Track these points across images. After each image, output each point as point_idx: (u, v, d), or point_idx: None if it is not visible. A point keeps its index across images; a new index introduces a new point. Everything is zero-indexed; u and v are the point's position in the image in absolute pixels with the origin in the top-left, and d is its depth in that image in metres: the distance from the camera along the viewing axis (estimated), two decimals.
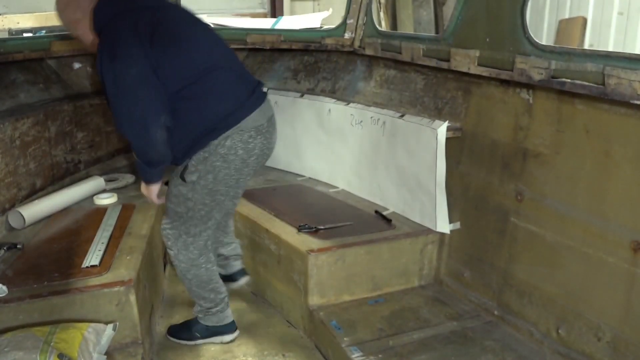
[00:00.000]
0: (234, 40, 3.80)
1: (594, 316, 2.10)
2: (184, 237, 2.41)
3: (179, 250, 2.44)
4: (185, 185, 2.28)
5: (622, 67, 1.87)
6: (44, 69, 3.53)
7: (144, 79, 2.09)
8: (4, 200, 2.79)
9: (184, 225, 2.39)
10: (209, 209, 2.34)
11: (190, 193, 2.29)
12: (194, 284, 2.50)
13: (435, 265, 2.83)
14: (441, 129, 2.64)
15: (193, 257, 2.44)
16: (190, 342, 2.60)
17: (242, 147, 2.24)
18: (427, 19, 7.36)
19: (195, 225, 2.38)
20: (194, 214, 2.34)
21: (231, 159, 2.24)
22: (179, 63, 2.17)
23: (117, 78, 2.09)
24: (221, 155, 2.23)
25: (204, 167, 2.24)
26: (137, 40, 2.10)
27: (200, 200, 2.30)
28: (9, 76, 3.26)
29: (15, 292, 2.17)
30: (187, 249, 2.43)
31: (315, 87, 3.78)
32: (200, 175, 2.25)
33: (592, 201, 2.10)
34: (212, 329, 2.59)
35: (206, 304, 2.55)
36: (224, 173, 2.26)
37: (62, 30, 5.27)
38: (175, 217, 2.39)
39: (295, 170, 3.75)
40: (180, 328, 2.66)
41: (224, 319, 2.59)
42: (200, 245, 2.44)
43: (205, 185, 2.27)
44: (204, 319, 2.59)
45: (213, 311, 2.56)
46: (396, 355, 2.22)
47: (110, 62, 2.09)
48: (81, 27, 2.27)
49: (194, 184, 2.27)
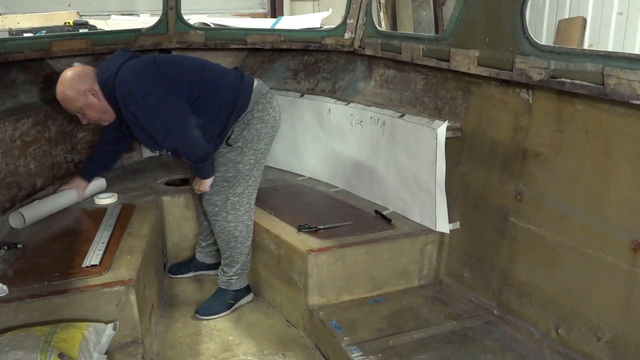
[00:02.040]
0: (234, 40, 3.81)
1: (593, 316, 2.10)
2: (232, 198, 2.73)
3: (228, 212, 2.74)
4: (233, 150, 2.67)
5: (621, 67, 1.87)
6: (44, 69, 3.53)
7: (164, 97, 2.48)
8: (4, 200, 2.79)
9: (231, 188, 2.72)
10: (251, 167, 2.73)
11: (239, 157, 2.68)
12: (239, 242, 2.81)
13: (435, 265, 2.84)
14: (441, 129, 2.64)
15: (240, 214, 2.77)
16: (228, 310, 2.87)
17: (270, 106, 2.72)
18: (427, 19, 7.37)
19: (240, 184, 2.73)
20: (241, 175, 2.71)
21: (266, 119, 2.69)
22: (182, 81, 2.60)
23: (144, 106, 2.47)
24: (258, 118, 2.67)
25: (248, 133, 2.66)
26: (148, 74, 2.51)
27: (247, 160, 2.70)
28: (9, 76, 3.26)
29: (16, 292, 2.17)
30: (235, 208, 2.75)
31: (315, 87, 3.79)
32: (246, 139, 2.66)
33: (592, 201, 2.10)
34: (239, 292, 2.91)
35: (242, 265, 2.86)
36: (264, 132, 2.70)
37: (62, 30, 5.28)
38: (224, 183, 2.71)
39: (295, 170, 3.76)
40: (210, 305, 2.86)
41: (245, 282, 2.94)
42: (244, 202, 2.78)
43: (250, 147, 2.68)
44: (232, 285, 2.88)
45: (244, 273, 2.91)
46: (396, 355, 2.23)
47: (134, 99, 2.46)
48: (93, 100, 2.57)
49: (241, 149, 2.67)
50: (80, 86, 2.52)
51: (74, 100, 2.55)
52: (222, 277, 2.90)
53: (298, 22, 5.11)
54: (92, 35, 3.70)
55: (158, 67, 2.54)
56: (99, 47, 3.55)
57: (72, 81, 2.53)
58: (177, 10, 3.71)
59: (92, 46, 3.53)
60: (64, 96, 2.56)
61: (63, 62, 3.63)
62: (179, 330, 2.73)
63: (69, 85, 2.54)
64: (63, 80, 2.56)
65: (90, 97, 2.54)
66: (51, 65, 3.58)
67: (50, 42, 3.38)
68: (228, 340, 2.65)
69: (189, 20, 4.17)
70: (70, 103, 2.57)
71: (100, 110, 2.58)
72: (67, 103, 2.58)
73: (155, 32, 3.73)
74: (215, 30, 4.14)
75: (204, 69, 2.66)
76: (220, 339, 2.66)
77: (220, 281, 2.90)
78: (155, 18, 4.00)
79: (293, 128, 3.66)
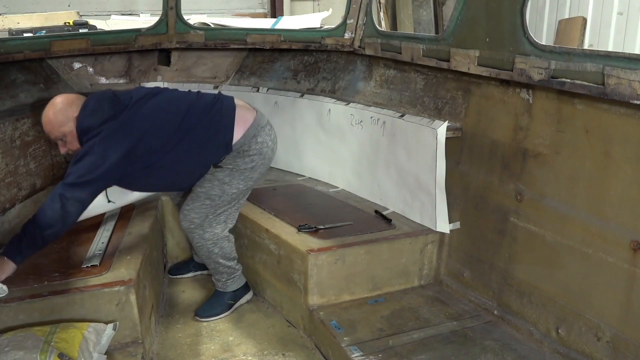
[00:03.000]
0: (234, 40, 3.81)
1: (593, 316, 2.10)
2: (210, 217, 2.68)
3: (205, 230, 2.69)
4: (221, 170, 2.60)
5: (621, 67, 1.87)
6: (44, 69, 3.53)
7: (110, 158, 2.34)
8: (4, 200, 2.79)
9: (212, 208, 2.65)
10: (239, 193, 2.68)
11: (227, 178, 2.61)
12: (219, 257, 2.77)
13: (435, 265, 2.84)
14: (441, 129, 2.64)
15: (217, 232, 2.73)
16: (228, 311, 2.87)
17: (269, 138, 2.67)
18: (427, 19, 7.37)
19: (224, 206, 2.68)
20: (226, 197, 2.64)
21: (264, 151, 2.65)
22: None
23: (92, 145, 2.34)
24: (256, 150, 2.61)
25: (242, 161, 2.60)
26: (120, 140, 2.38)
27: (236, 185, 2.63)
28: (9, 76, 3.26)
29: (16, 292, 2.18)
30: (211, 226, 2.70)
31: (315, 87, 3.79)
32: (238, 165, 2.60)
33: (592, 201, 2.10)
34: (237, 291, 2.91)
35: (230, 271, 2.85)
36: (260, 164, 2.65)
37: (62, 30, 5.28)
38: (205, 200, 2.64)
39: (295, 170, 3.76)
40: (210, 307, 2.86)
41: (242, 281, 2.94)
42: (221, 220, 2.73)
43: (242, 173, 2.62)
44: (229, 287, 2.88)
45: (236, 276, 2.89)
46: (396, 355, 2.22)
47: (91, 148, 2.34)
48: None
49: (230, 170, 2.60)
50: (72, 113, 2.41)
51: (61, 125, 2.41)
52: (216, 283, 2.90)
53: (298, 22, 5.11)
54: (92, 35, 3.71)
55: (133, 126, 2.41)
56: (99, 47, 3.55)
57: (65, 106, 2.42)
58: (177, 10, 3.71)
59: (92, 46, 3.53)
60: (52, 119, 2.41)
61: (63, 62, 3.63)
62: (179, 331, 2.73)
63: (61, 109, 2.42)
64: (54, 103, 2.44)
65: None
66: (51, 65, 3.58)
67: (50, 42, 3.38)
68: (228, 341, 2.65)
69: (189, 20, 4.17)
70: (57, 128, 2.42)
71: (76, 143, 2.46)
72: (53, 126, 2.43)
73: (155, 32, 3.73)
74: (215, 30, 4.14)
75: (184, 117, 2.52)
76: (220, 339, 2.66)
77: (216, 285, 2.91)
78: (155, 18, 4.00)
79: (293, 128, 3.66)
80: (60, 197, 2.22)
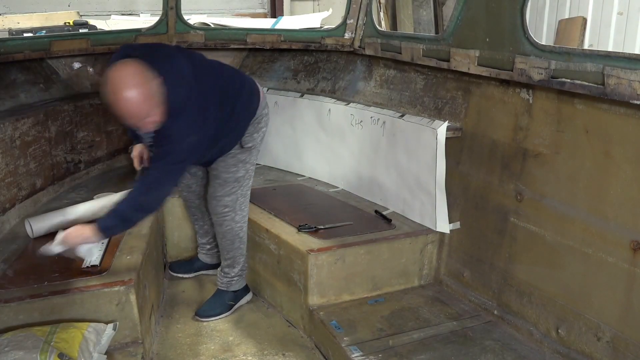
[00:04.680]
0: (234, 40, 3.81)
1: (593, 316, 2.10)
2: (240, 199, 2.76)
3: (236, 212, 2.76)
4: (244, 151, 2.69)
5: (621, 67, 1.87)
6: (44, 69, 3.53)
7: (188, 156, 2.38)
8: (4, 200, 2.79)
9: (240, 189, 2.74)
10: (253, 167, 2.80)
11: (247, 157, 2.72)
12: (242, 242, 2.85)
13: (435, 265, 2.84)
14: (441, 129, 2.64)
15: (244, 215, 2.82)
16: (228, 312, 2.86)
17: (268, 108, 2.79)
18: (427, 19, 7.37)
19: (247, 184, 2.78)
20: (248, 175, 2.77)
21: (267, 121, 2.78)
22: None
23: (180, 142, 2.30)
24: (265, 121, 2.74)
25: (257, 135, 2.72)
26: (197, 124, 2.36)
27: (252, 160, 2.76)
28: (9, 76, 3.26)
29: (16, 292, 2.17)
30: (241, 209, 2.79)
31: (315, 87, 3.79)
32: (255, 140, 2.72)
33: (592, 201, 2.10)
34: (238, 293, 2.92)
35: (241, 266, 2.87)
36: (264, 133, 2.78)
37: (62, 30, 5.29)
38: (234, 183, 2.72)
39: (295, 170, 3.76)
40: (210, 306, 2.86)
41: (243, 282, 2.95)
42: (247, 202, 2.82)
43: (256, 147, 2.74)
44: (232, 286, 2.89)
45: (243, 274, 2.92)
46: (396, 355, 2.23)
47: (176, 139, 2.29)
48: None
49: (249, 150, 2.71)
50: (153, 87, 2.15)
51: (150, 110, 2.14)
52: (222, 279, 2.89)
53: (298, 22, 5.12)
54: (92, 35, 3.71)
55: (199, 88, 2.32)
56: (99, 47, 3.55)
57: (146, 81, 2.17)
58: (177, 10, 3.71)
59: (92, 46, 3.53)
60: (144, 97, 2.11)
61: (63, 62, 3.63)
62: (179, 331, 2.73)
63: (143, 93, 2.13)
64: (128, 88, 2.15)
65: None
66: (51, 65, 3.58)
67: (50, 42, 3.38)
68: (228, 341, 2.65)
69: (189, 20, 4.17)
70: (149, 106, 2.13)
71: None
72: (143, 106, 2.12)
73: (155, 32, 3.73)
74: (215, 30, 4.14)
75: (231, 77, 2.64)
76: (220, 339, 2.66)
77: (220, 282, 2.90)
78: (155, 18, 4.00)
79: (293, 128, 3.66)
80: (158, 180, 2.29)
